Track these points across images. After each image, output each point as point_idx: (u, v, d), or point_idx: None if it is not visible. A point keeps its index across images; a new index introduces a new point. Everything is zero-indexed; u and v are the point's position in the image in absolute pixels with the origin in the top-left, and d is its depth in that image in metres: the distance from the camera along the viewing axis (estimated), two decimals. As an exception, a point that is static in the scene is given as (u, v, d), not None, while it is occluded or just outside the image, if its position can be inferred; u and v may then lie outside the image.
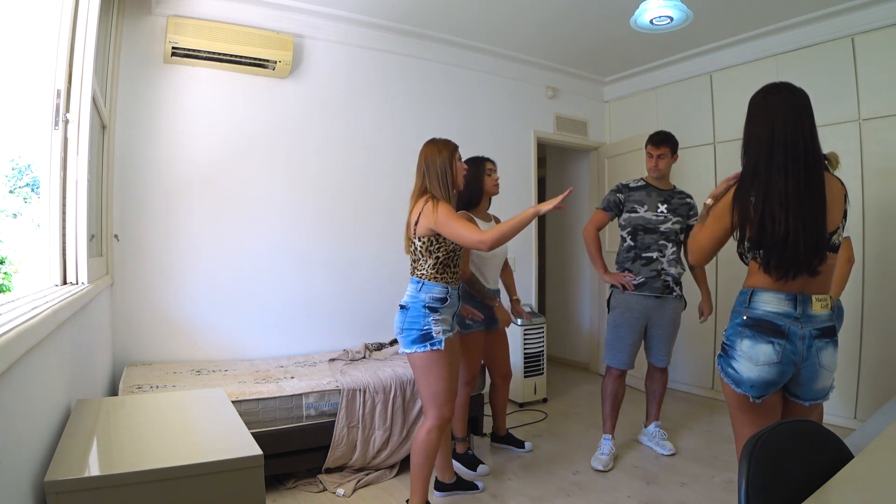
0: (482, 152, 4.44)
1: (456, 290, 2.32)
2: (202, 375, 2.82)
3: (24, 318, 1.06)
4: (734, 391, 1.63)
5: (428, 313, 2.20)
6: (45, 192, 1.87)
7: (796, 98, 1.60)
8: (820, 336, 1.58)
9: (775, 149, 1.54)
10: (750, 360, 1.59)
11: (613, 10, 3.46)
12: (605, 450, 2.98)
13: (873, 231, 3.39)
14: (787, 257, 1.53)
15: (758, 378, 1.58)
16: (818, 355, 1.58)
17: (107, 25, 2.75)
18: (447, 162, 2.26)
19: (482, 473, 2.82)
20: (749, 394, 1.60)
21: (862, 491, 1.03)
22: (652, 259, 2.93)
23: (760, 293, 1.61)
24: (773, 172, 1.54)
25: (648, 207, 2.94)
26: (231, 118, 3.34)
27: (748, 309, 1.62)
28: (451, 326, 2.29)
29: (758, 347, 1.58)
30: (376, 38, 3.80)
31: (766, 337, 1.57)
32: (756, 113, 1.63)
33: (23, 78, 2.00)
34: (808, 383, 1.61)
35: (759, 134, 1.59)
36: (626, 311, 2.97)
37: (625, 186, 3.04)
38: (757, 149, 1.59)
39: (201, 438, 1.42)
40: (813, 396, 1.64)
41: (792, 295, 1.58)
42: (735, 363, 1.62)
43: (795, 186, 1.52)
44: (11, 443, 0.95)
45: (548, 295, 5.74)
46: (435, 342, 2.18)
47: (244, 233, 3.38)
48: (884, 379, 3.29)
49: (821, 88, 3.57)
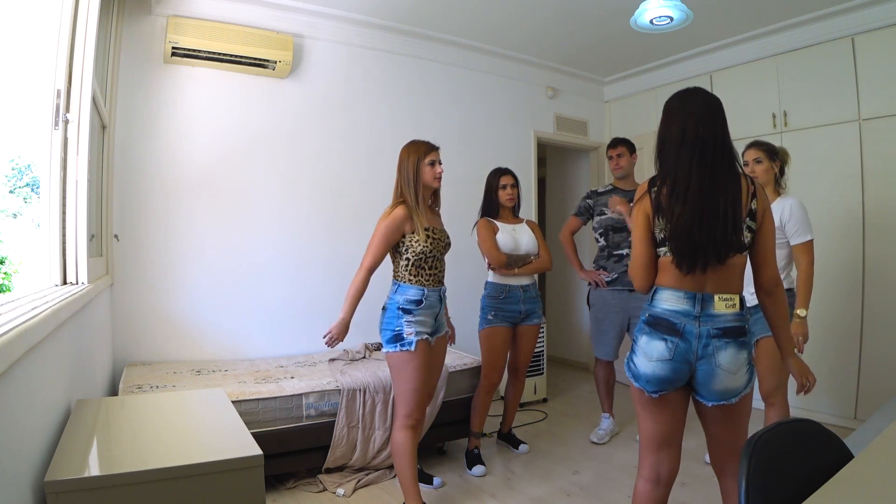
0: (482, 152, 4.43)
1: (435, 291, 2.36)
2: (202, 375, 2.82)
3: (24, 318, 1.06)
4: (633, 385, 1.68)
5: (401, 314, 2.27)
6: (45, 192, 1.87)
7: (711, 100, 1.67)
8: (720, 336, 1.56)
9: (684, 147, 1.59)
10: (645, 356, 1.62)
11: (613, 10, 3.45)
12: (604, 426, 3.33)
13: (873, 231, 3.39)
14: (686, 247, 1.56)
15: (652, 374, 1.61)
16: (715, 355, 1.55)
17: (107, 25, 2.75)
18: (415, 164, 2.34)
19: (476, 474, 2.82)
20: (645, 388, 1.64)
21: (862, 491, 1.03)
22: (623, 256, 3.15)
23: (662, 291, 1.64)
24: (679, 169, 1.59)
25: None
26: (231, 118, 3.34)
27: (650, 307, 1.67)
28: (430, 329, 2.33)
29: (652, 344, 1.61)
30: (376, 37, 3.80)
31: (660, 334, 1.60)
32: (672, 114, 1.67)
33: (23, 78, 2.00)
34: (705, 383, 1.59)
35: (674, 134, 1.63)
36: (603, 306, 3.24)
37: (594, 192, 3.35)
38: (670, 148, 1.64)
39: (201, 438, 1.42)
40: (714, 398, 1.60)
41: (692, 294, 1.58)
42: (635, 358, 1.66)
43: (699, 180, 1.56)
44: (11, 443, 0.95)
45: (548, 295, 5.74)
46: (405, 343, 2.24)
47: (244, 232, 3.38)
48: (884, 379, 3.29)
49: (821, 88, 3.58)
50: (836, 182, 3.50)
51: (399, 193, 2.37)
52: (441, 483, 2.71)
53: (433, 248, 2.33)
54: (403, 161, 2.38)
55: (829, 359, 3.47)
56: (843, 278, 3.50)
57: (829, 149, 3.52)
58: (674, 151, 1.62)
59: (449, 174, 4.08)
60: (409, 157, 2.37)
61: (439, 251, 2.38)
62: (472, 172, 4.11)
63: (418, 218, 2.31)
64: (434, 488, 2.67)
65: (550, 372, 4.47)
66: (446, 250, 2.47)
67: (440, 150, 2.44)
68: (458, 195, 4.08)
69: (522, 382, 3.23)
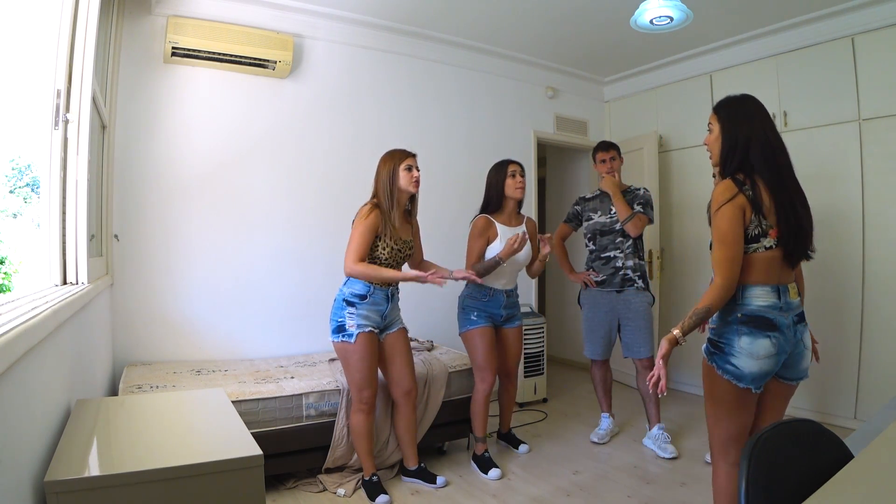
0: (482, 152, 4.44)
1: (383, 291, 2.52)
2: (202, 375, 2.82)
3: (24, 318, 1.05)
4: (734, 386, 1.68)
5: (344, 306, 2.48)
6: (45, 192, 1.87)
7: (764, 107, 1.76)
8: (798, 321, 1.72)
9: (770, 147, 1.69)
10: (751, 357, 1.65)
11: (613, 11, 3.45)
12: (604, 426, 3.36)
13: (873, 231, 3.39)
14: (798, 239, 1.68)
15: (759, 371, 1.66)
16: (802, 338, 1.72)
17: (107, 25, 2.75)
18: (391, 170, 2.52)
19: (493, 478, 2.80)
20: (751, 387, 1.68)
21: (862, 491, 1.03)
22: (610, 258, 3.21)
23: (752, 288, 1.69)
24: (770, 167, 1.68)
25: (602, 212, 3.26)
26: (231, 118, 3.34)
27: (741, 306, 1.69)
28: (375, 324, 2.50)
29: (757, 343, 1.65)
30: (376, 37, 3.80)
31: (762, 332, 1.65)
32: (754, 116, 1.72)
33: (23, 78, 2.00)
34: (794, 365, 1.73)
35: (758, 135, 1.69)
36: (593, 306, 3.29)
37: (582, 199, 3.43)
38: (757, 148, 1.68)
39: (201, 438, 1.42)
40: (798, 376, 1.76)
41: (775, 287, 1.68)
42: (734, 359, 1.67)
43: (789, 178, 1.71)
44: (11, 443, 0.95)
45: (548, 295, 5.74)
46: (346, 334, 2.45)
47: (244, 232, 3.38)
48: (884, 379, 3.29)
49: (821, 88, 3.58)
50: (836, 182, 3.50)
51: (375, 197, 2.55)
52: (445, 482, 2.71)
53: (390, 258, 2.51)
54: (381, 168, 2.55)
55: (829, 359, 3.47)
56: (842, 278, 3.50)
57: (829, 149, 3.52)
58: (761, 151, 1.68)
59: (449, 174, 4.13)
60: (385, 163, 2.54)
61: (397, 261, 2.55)
62: (472, 172, 4.11)
63: (391, 225, 2.50)
64: (437, 487, 2.67)
65: (550, 372, 4.47)
66: (405, 261, 2.63)
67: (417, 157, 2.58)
68: (458, 195, 4.09)
69: (515, 385, 3.19)
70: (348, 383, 2.58)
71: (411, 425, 2.69)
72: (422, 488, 2.67)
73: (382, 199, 2.51)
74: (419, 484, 2.69)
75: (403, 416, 2.67)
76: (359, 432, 2.55)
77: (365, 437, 2.55)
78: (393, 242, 2.51)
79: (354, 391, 2.53)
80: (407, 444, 2.70)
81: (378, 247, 2.49)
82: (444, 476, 2.75)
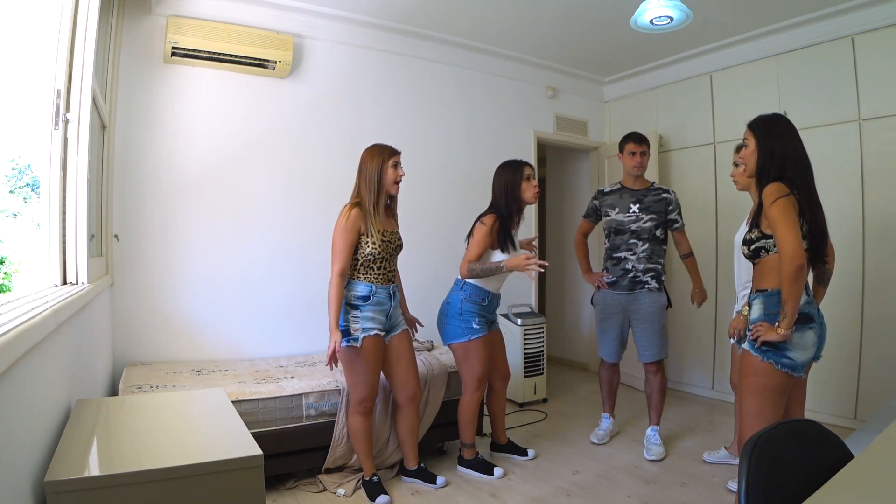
0: (482, 152, 4.43)
1: (384, 289, 2.46)
2: (202, 375, 2.82)
3: (24, 318, 1.06)
4: (789, 377, 1.85)
5: (349, 310, 2.42)
6: (45, 192, 1.87)
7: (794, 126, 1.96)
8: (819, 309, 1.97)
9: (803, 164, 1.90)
10: (804, 349, 1.86)
11: (613, 11, 3.45)
12: (604, 426, 3.33)
13: (873, 231, 3.39)
14: (822, 245, 1.95)
15: (807, 359, 1.88)
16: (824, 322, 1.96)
17: (107, 25, 2.75)
18: (378, 168, 2.44)
19: (498, 476, 2.79)
20: (801, 374, 1.90)
21: (862, 491, 1.03)
22: (620, 259, 3.14)
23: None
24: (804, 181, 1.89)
25: (620, 209, 3.14)
26: (231, 118, 3.34)
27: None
28: (381, 325, 2.43)
29: (806, 335, 1.86)
30: (376, 37, 3.80)
31: (806, 325, 1.86)
32: (793, 135, 1.92)
33: (23, 78, 2.00)
34: (822, 345, 1.95)
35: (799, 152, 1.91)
36: (605, 307, 3.23)
37: (600, 192, 3.29)
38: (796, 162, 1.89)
39: (201, 438, 1.42)
40: (821, 354, 1.96)
41: (806, 284, 1.87)
42: (790, 353, 1.85)
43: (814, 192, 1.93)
44: (11, 443, 0.95)
45: (548, 295, 5.74)
46: (351, 338, 2.39)
47: (244, 232, 3.38)
48: (884, 379, 3.29)
49: (821, 88, 3.58)
50: (836, 182, 3.49)
51: (356, 194, 2.47)
52: (445, 482, 2.71)
53: (382, 251, 2.44)
54: (366, 162, 2.47)
55: (830, 359, 3.45)
56: (842, 278, 3.48)
57: (829, 149, 3.52)
58: (800, 166, 1.89)
59: (449, 174, 4.13)
60: (372, 158, 2.46)
61: (389, 253, 2.49)
62: (472, 172, 4.12)
63: (372, 220, 2.42)
64: (437, 487, 2.67)
65: (550, 372, 4.47)
66: (397, 252, 2.58)
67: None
68: (458, 195, 4.09)
69: (505, 391, 3.09)
70: (349, 386, 2.54)
71: (414, 428, 2.68)
72: (422, 488, 2.67)
73: (366, 195, 2.43)
74: (419, 484, 2.69)
75: (406, 419, 2.65)
76: (358, 434, 2.54)
77: (364, 439, 2.54)
78: (381, 235, 2.44)
79: (356, 394, 2.49)
80: (408, 445, 2.69)
81: (367, 243, 2.41)
82: (444, 476, 2.75)
